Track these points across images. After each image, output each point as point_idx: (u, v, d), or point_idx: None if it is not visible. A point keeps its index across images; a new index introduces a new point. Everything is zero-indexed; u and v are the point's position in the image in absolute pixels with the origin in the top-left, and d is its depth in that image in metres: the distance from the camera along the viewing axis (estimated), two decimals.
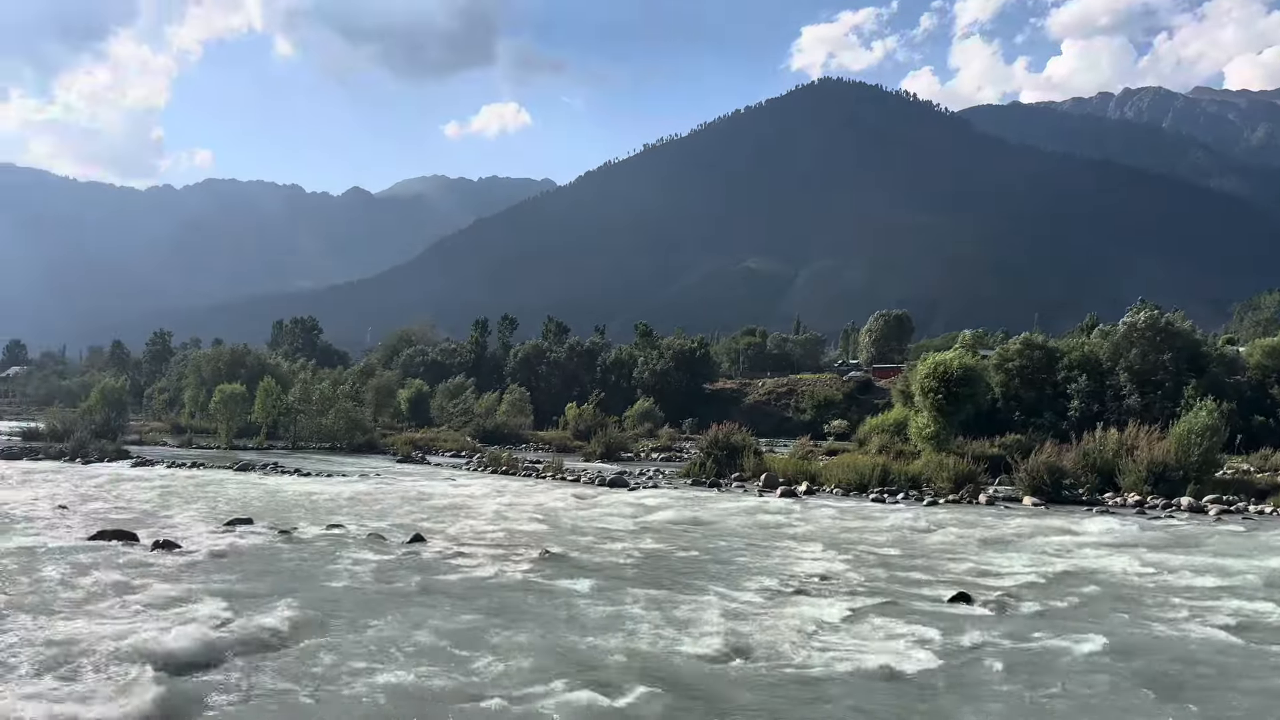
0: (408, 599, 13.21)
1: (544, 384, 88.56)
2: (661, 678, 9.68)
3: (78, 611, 11.73)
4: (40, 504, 23.47)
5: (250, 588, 13.54)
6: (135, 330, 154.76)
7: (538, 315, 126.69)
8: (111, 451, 43.29)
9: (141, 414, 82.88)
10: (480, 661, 10.01)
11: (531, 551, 17.40)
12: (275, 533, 19.23)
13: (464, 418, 69.07)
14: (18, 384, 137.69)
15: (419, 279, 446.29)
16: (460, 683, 9.28)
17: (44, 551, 15.96)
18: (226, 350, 79.39)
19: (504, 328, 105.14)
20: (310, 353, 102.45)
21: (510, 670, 9.75)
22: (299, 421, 57.84)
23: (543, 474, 36.93)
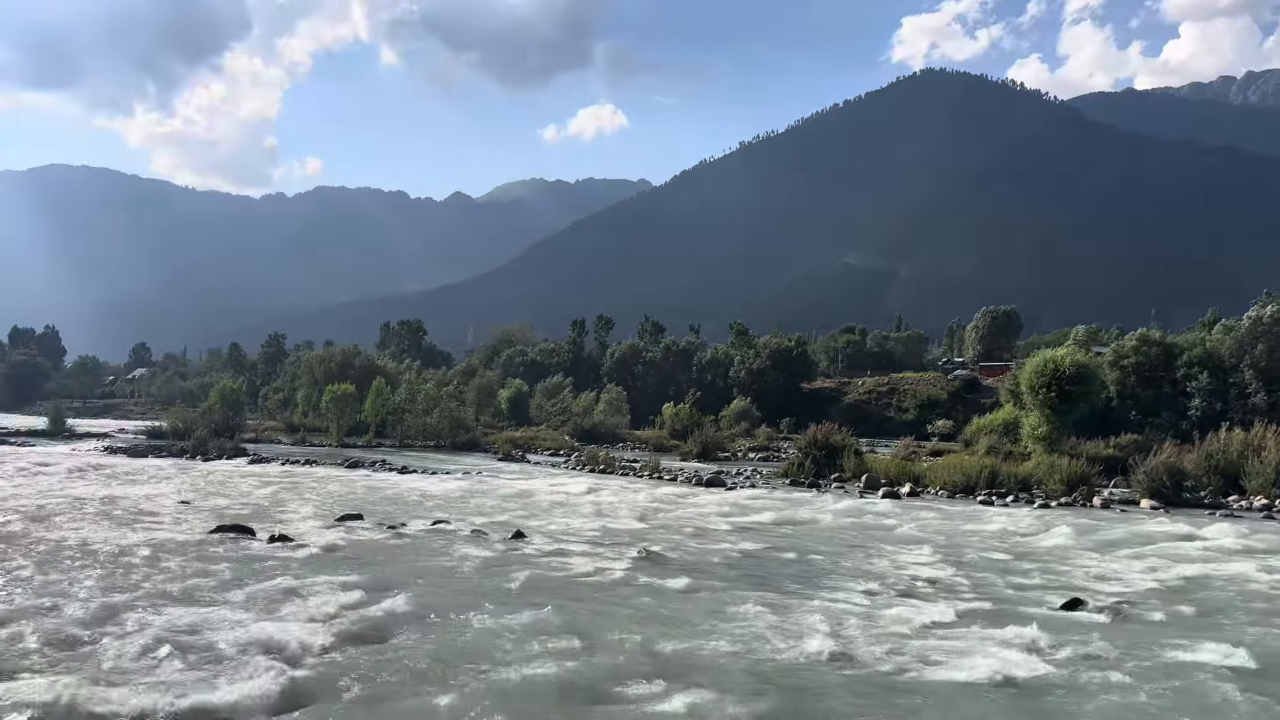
0: (510, 595, 13.42)
1: (640, 383, 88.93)
2: (761, 680, 9.59)
3: (200, 602, 12.31)
4: (164, 499, 24.75)
5: (360, 581, 13.97)
6: (251, 333, 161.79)
7: (634, 315, 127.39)
8: (230, 449, 45.35)
9: (257, 413, 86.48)
10: (580, 659, 10.09)
11: (630, 550, 17.47)
12: (384, 528, 19.82)
13: (562, 417, 69.91)
14: (143, 385, 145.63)
15: (518, 280, 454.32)
16: (560, 680, 9.37)
17: (168, 544, 16.81)
18: (337, 351, 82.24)
19: (600, 328, 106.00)
20: (415, 354, 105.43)
21: (610, 669, 9.80)
22: (405, 420, 59.51)
23: (640, 473, 37.08)
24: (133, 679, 8.90)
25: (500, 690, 8.98)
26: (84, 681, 8.76)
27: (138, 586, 13.14)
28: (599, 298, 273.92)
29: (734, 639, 11.16)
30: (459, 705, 8.59)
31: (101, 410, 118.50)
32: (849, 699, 9.22)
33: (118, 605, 11.82)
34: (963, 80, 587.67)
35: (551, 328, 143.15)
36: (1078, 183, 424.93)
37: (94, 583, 13.27)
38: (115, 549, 16.10)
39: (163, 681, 8.86)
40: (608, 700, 8.79)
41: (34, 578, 13.58)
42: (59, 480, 30.70)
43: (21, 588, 12.88)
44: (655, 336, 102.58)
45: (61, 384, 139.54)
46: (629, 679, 9.43)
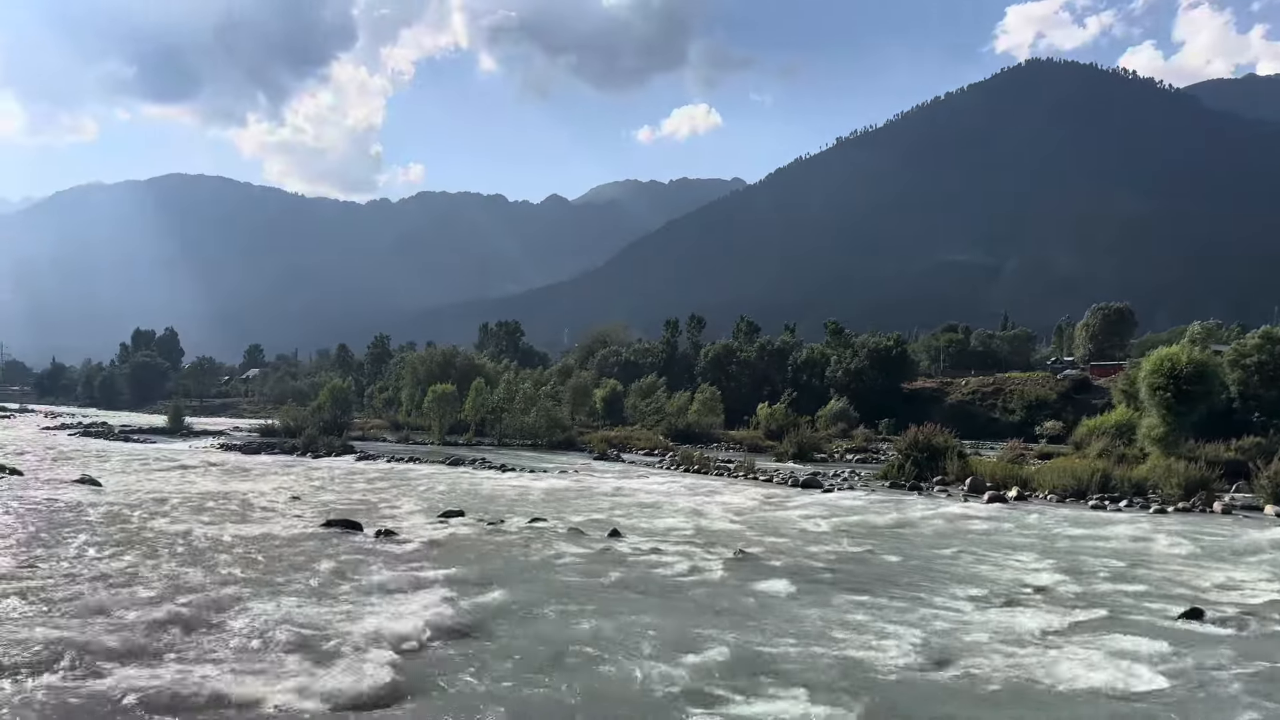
0: (607, 593, 13.54)
1: (734, 383, 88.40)
2: (860, 684, 9.44)
3: (312, 594, 12.79)
4: (277, 495, 25.79)
5: (463, 576, 14.30)
6: (358, 334, 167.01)
7: (728, 314, 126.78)
8: (338, 447, 46.93)
9: (363, 412, 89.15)
10: (676, 658, 10.11)
11: (726, 551, 17.42)
12: (484, 525, 20.23)
13: (656, 416, 70.06)
14: (256, 384, 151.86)
15: (613, 281, 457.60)
16: (656, 679, 9.40)
17: (281, 538, 17.51)
18: (438, 352, 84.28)
19: (693, 327, 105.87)
20: (513, 354, 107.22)
21: (706, 668, 9.79)
22: (504, 419, 60.59)
23: (735, 473, 36.90)
24: (246, 666, 9.31)
25: (597, 688, 9.07)
26: (202, 668, 9.20)
27: (252, 578, 13.73)
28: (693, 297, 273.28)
29: (831, 642, 11.02)
30: (556, 701, 8.71)
31: (217, 409, 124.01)
32: (952, 706, 9.00)
33: (234, 595, 12.38)
34: (1071, 70, 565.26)
35: (646, 328, 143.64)
36: (1195, 174, 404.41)
37: (212, 573, 13.93)
38: (231, 542, 16.87)
39: (274, 669, 9.24)
40: (703, 701, 8.78)
41: (157, 567, 14.33)
42: (178, 475, 32.30)
43: (145, 577, 13.60)
44: (750, 336, 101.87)
45: (180, 384, 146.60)
46: (724, 679, 9.40)
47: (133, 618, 11.02)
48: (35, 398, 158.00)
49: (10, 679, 8.65)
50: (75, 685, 8.52)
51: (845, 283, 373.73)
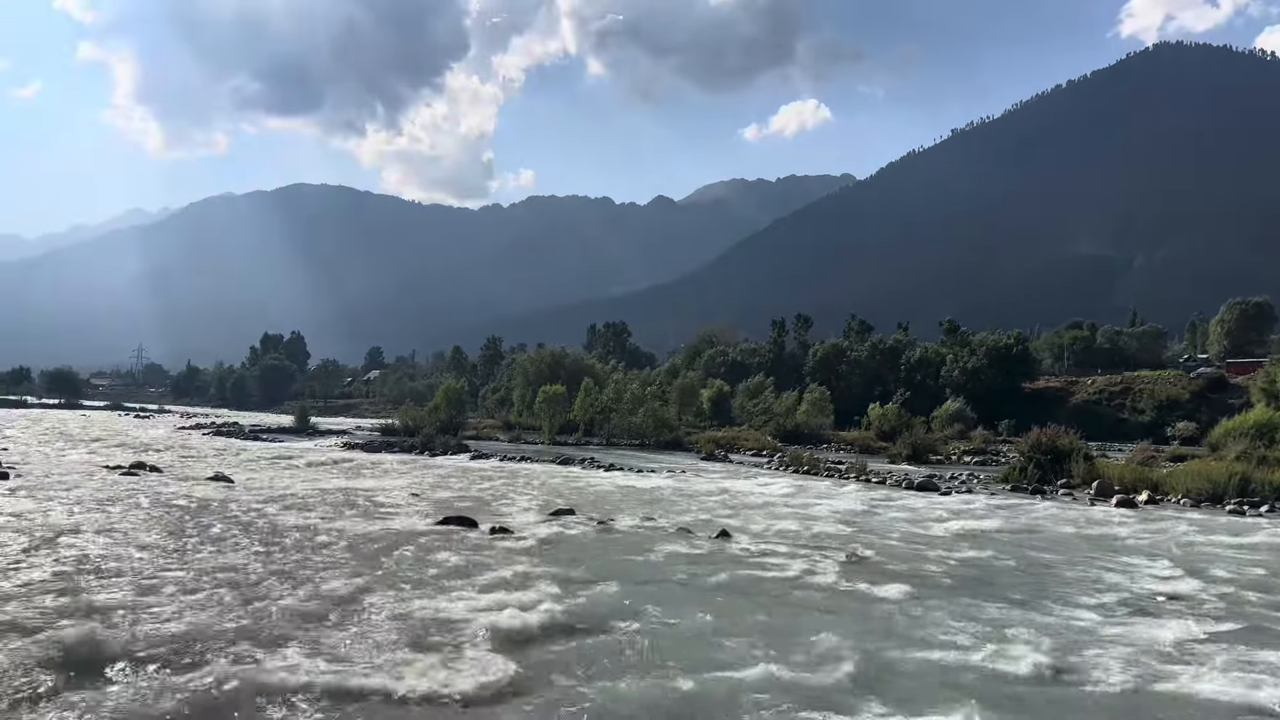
0: (716, 593, 13.50)
1: (844, 383, 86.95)
2: (979, 694, 9.13)
3: (430, 589, 13.16)
4: (397, 492, 26.65)
5: (574, 573, 14.49)
6: (472, 336, 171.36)
7: (837, 313, 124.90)
8: (453, 446, 48.23)
9: (477, 412, 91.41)
10: (787, 661, 9.99)
11: (838, 554, 17.13)
12: (594, 523, 20.45)
13: (764, 417, 69.47)
14: (376, 386, 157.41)
15: (719, 281, 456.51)
16: (767, 681, 9.31)
17: (401, 534, 18.09)
18: (548, 353, 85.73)
19: (800, 327, 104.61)
20: (620, 355, 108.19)
21: (817, 672, 9.65)
22: (612, 419, 61.14)
23: (846, 475, 36.28)
24: (367, 659, 9.64)
25: (706, 688, 9.05)
26: (325, 661, 9.58)
27: (374, 572, 14.22)
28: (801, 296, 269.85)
29: (949, 649, 10.70)
30: (666, 701, 8.72)
31: (340, 409, 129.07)
32: (1077, 718, 8.62)
33: (357, 589, 12.85)
34: (1203, 53, 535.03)
35: (753, 327, 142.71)
36: None
37: (336, 568, 14.50)
38: (354, 537, 17.52)
39: (394, 662, 9.54)
40: (814, 705, 8.65)
41: (284, 562, 15.00)
42: (305, 473, 33.75)
43: (274, 571, 14.25)
44: (861, 335, 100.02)
45: (306, 385, 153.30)
46: (835, 684, 9.25)
47: (261, 610, 11.56)
48: (172, 399, 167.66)
49: (148, 669, 9.19)
50: (209, 675, 8.99)
51: (961, 279, 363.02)
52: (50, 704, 8.11)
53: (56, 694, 8.36)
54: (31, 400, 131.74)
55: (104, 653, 9.47)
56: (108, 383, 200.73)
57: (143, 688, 8.54)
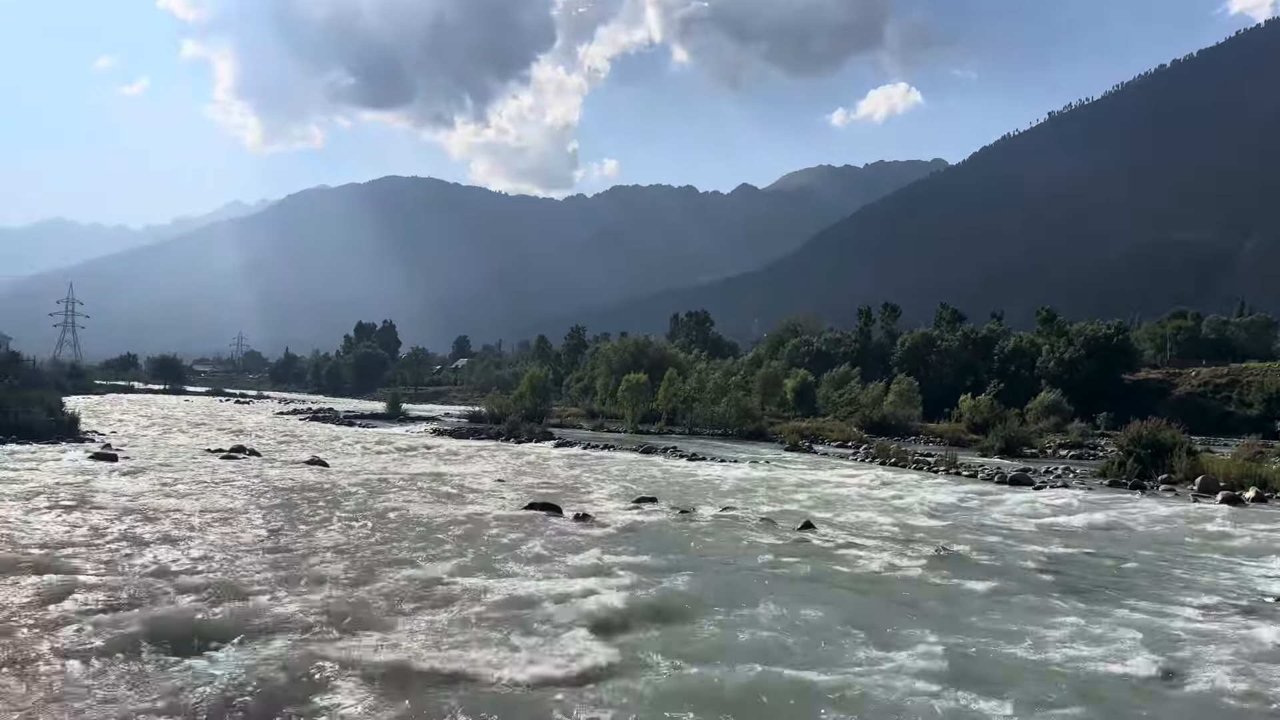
0: (800, 585, 13.36)
1: (934, 374, 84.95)
2: (1076, 693, 8.83)
3: (517, 573, 13.36)
4: (484, 478, 27.12)
5: (656, 561, 14.52)
6: (556, 325, 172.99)
7: (927, 301, 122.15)
8: (538, 433, 48.81)
9: (561, 400, 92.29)
10: (872, 655, 9.83)
11: (926, 547, 16.78)
12: (676, 512, 20.46)
13: (849, 408, 68.41)
14: (464, 373, 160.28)
15: (804, 269, 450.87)
16: (851, 674, 9.18)
17: (488, 519, 18.40)
18: (631, 342, 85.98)
19: (888, 316, 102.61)
20: (703, 344, 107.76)
21: (903, 666, 9.47)
22: (694, 409, 61.04)
23: (935, 468, 35.48)
24: (455, 641, 9.83)
25: (790, 680, 8.96)
26: (416, 640, 9.81)
27: (462, 556, 14.50)
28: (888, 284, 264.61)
29: (1043, 647, 10.38)
30: (749, 690, 8.66)
31: (430, 396, 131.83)
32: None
33: (447, 572, 13.13)
34: None
35: (838, 316, 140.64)
36: None
37: (427, 550, 14.83)
38: (443, 521, 17.89)
39: (482, 644, 9.72)
40: (899, 699, 8.49)
41: (377, 543, 15.41)
42: (396, 457, 34.61)
43: (367, 551, 14.65)
44: (952, 324, 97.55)
45: (397, 372, 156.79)
46: (922, 679, 9.05)
47: (357, 591, 11.91)
48: (270, 385, 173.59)
49: (244, 644, 9.54)
50: (308, 654, 9.29)
51: (1058, 267, 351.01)
52: (154, 679, 8.49)
53: (161, 669, 8.75)
54: (138, 385, 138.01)
55: (206, 629, 9.88)
56: (209, 369, 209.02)
57: (243, 664, 8.88)
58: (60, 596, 10.94)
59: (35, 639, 9.31)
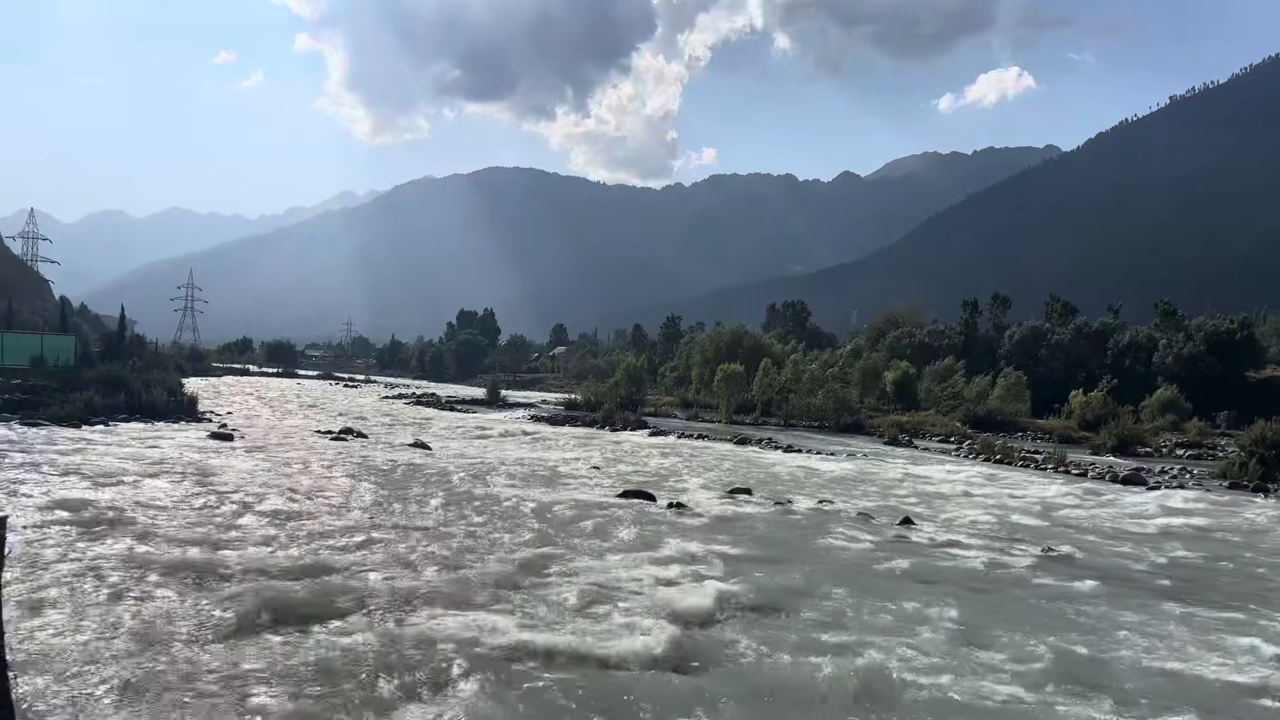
0: (897, 581, 13.10)
1: (1043, 368, 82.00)
2: (1190, 702, 8.43)
3: (611, 559, 13.48)
4: (580, 464, 27.42)
5: (750, 552, 14.45)
6: (652, 314, 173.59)
7: (1036, 294, 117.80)
8: (632, 421, 49.08)
9: (656, 389, 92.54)
10: (972, 656, 9.58)
11: (1031, 547, 16.24)
12: (771, 504, 20.31)
13: (952, 402, 66.61)
14: (560, 361, 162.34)
15: (907, 259, 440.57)
16: (949, 675, 8.96)
17: (583, 505, 18.60)
18: (726, 332, 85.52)
19: (996, 308, 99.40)
20: (800, 334, 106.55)
21: (1004, 668, 9.20)
22: (790, 400, 60.39)
23: (1042, 465, 34.29)
24: (546, 624, 9.99)
25: (884, 679, 8.80)
26: (509, 619, 10.00)
27: (556, 540, 14.71)
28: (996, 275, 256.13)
29: (1155, 653, 9.94)
30: (839, 689, 8.54)
31: (528, 383, 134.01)
32: None
33: (543, 555, 13.34)
34: None
35: (942, 308, 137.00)
36: None
37: (521, 534, 15.10)
38: (539, 505, 18.17)
39: (577, 628, 9.84)
40: (999, 702, 8.24)
41: (476, 526, 15.76)
42: (495, 442, 35.30)
43: (466, 534, 15.00)
44: (1063, 317, 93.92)
45: (496, 359, 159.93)
46: (1024, 681, 8.78)
47: (457, 571, 12.21)
48: (377, 370, 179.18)
49: (349, 619, 9.90)
50: (403, 629, 9.58)
51: (1176, 258, 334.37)
52: (265, 650, 8.88)
53: (271, 641, 9.14)
54: (253, 368, 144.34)
55: (313, 604, 10.29)
56: (320, 353, 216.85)
57: (348, 638, 9.21)
58: (178, 567, 11.55)
59: (148, 606, 9.85)
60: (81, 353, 48.14)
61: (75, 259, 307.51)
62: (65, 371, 40.57)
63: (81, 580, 10.71)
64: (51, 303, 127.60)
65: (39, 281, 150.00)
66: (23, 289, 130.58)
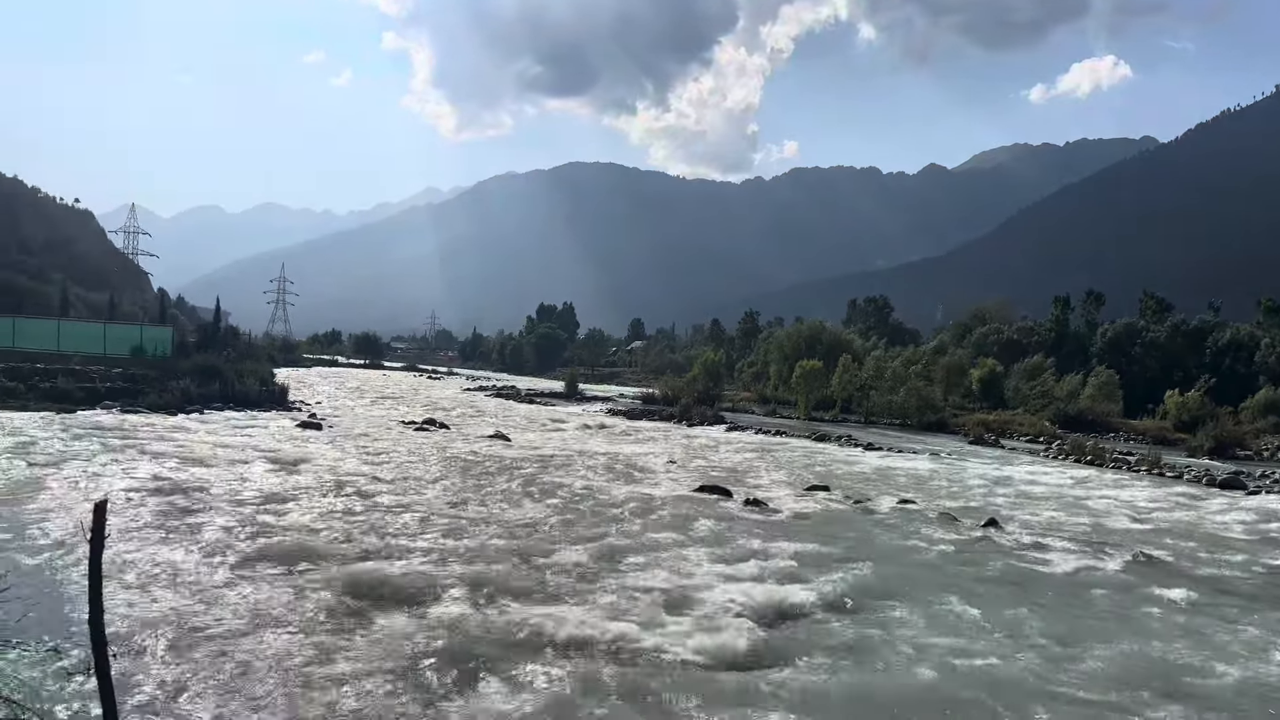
0: (981, 584, 12.78)
1: (1137, 367, 79.02)
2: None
3: (687, 554, 13.46)
4: (655, 458, 27.46)
5: (828, 551, 14.27)
6: (730, 309, 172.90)
7: (1131, 290, 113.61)
8: (709, 416, 48.94)
9: (733, 384, 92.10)
10: (1061, 664, 9.28)
11: (1123, 552, 15.66)
12: (850, 502, 20.02)
13: (1041, 401, 64.70)
14: (638, 356, 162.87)
15: (995, 254, 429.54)
16: (1031, 680, 8.70)
17: (659, 499, 18.62)
18: (805, 328, 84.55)
19: (1089, 304, 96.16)
20: (882, 330, 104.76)
21: (1091, 675, 8.90)
22: (871, 397, 59.47)
23: (1135, 467, 33.06)
24: (621, 616, 10.02)
25: (965, 683, 8.60)
26: (585, 610, 10.06)
27: (633, 533, 14.76)
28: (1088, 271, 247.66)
29: (1251, 665, 9.48)
30: (920, 695, 8.37)
31: (606, 376, 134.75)
32: None
33: (619, 548, 13.41)
34: None
35: (1031, 304, 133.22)
36: None
37: (598, 527, 15.20)
38: (616, 498, 18.26)
39: (651, 622, 9.85)
40: (1086, 711, 7.97)
41: (554, 517, 15.92)
42: (573, 435, 35.62)
43: (544, 525, 15.17)
44: (1159, 315, 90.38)
45: (575, 353, 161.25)
46: (1123, 695, 8.46)
47: (536, 562, 12.35)
48: (459, 362, 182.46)
49: (431, 606, 10.09)
50: (482, 617, 9.73)
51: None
52: (345, 632, 9.11)
53: (359, 624, 9.38)
54: (341, 360, 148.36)
55: (397, 590, 10.53)
56: (405, 346, 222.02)
57: (430, 625, 9.40)
58: (267, 551, 11.95)
59: (238, 588, 10.20)
60: (178, 343, 50.17)
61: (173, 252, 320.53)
62: (163, 361, 42.31)
63: (175, 561, 11.17)
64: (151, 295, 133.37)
65: (139, 274, 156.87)
66: (124, 281, 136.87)
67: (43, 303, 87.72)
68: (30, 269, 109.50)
